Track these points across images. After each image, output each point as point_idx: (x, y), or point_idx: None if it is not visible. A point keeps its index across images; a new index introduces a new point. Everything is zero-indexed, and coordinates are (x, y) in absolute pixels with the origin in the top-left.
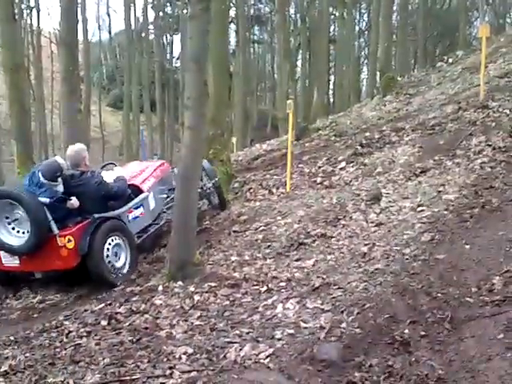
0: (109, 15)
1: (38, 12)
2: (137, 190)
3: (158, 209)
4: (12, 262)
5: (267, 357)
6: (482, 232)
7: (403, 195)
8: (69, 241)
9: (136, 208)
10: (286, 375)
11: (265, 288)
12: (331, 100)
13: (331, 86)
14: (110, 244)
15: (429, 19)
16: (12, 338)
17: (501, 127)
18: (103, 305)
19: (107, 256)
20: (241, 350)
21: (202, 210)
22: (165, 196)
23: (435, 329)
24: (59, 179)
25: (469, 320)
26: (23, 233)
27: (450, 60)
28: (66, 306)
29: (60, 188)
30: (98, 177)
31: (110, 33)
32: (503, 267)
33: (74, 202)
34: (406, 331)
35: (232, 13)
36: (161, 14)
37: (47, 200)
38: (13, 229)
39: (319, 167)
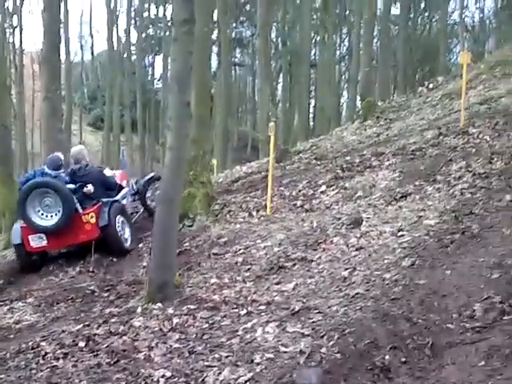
0: (91, 36)
1: (21, 31)
2: (120, 186)
3: (132, 204)
4: (40, 242)
5: (246, 381)
6: (463, 258)
7: (384, 220)
8: (91, 217)
9: (123, 199)
10: None
11: (244, 311)
12: (312, 123)
13: (312, 110)
14: (119, 220)
15: (409, 45)
16: None
17: (481, 153)
18: (81, 326)
19: (119, 228)
20: (220, 373)
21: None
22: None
23: (416, 355)
24: (61, 167)
25: (450, 347)
26: (51, 216)
27: (431, 86)
28: (44, 326)
29: (65, 177)
30: (98, 168)
31: (92, 53)
32: (484, 294)
33: (90, 188)
34: (387, 357)
35: (214, 35)
36: (143, 35)
37: (72, 186)
38: (42, 214)
39: (299, 190)
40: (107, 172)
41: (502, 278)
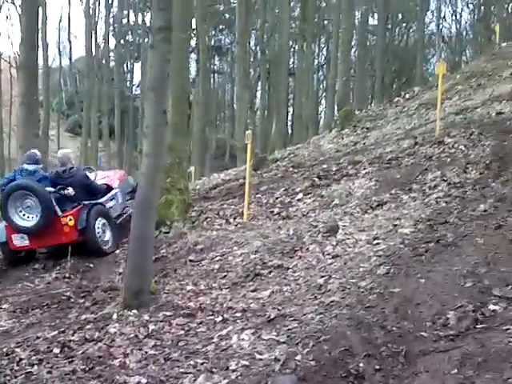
0: (70, 41)
1: None
2: (109, 188)
3: (123, 204)
4: (22, 242)
5: None
6: (437, 266)
7: (359, 228)
8: (70, 220)
9: (111, 200)
10: None
11: (220, 318)
12: (289, 131)
13: (290, 118)
14: (99, 222)
15: (387, 55)
16: None
17: (456, 163)
18: (56, 332)
19: (98, 231)
20: (195, 380)
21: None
22: (127, 197)
23: (390, 363)
24: (39, 162)
25: (423, 354)
26: (32, 217)
27: (407, 95)
28: (18, 332)
29: (44, 172)
30: (83, 171)
31: (70, 59)
32: (457, 302)
33: (70, 191)
34: (361, 364)
35: (193, 43)
36: (122, 41)
37: (52, 189)
38: (23, 215)
39: (277, 198)
40: (99, 173)
41: (475, 287)
